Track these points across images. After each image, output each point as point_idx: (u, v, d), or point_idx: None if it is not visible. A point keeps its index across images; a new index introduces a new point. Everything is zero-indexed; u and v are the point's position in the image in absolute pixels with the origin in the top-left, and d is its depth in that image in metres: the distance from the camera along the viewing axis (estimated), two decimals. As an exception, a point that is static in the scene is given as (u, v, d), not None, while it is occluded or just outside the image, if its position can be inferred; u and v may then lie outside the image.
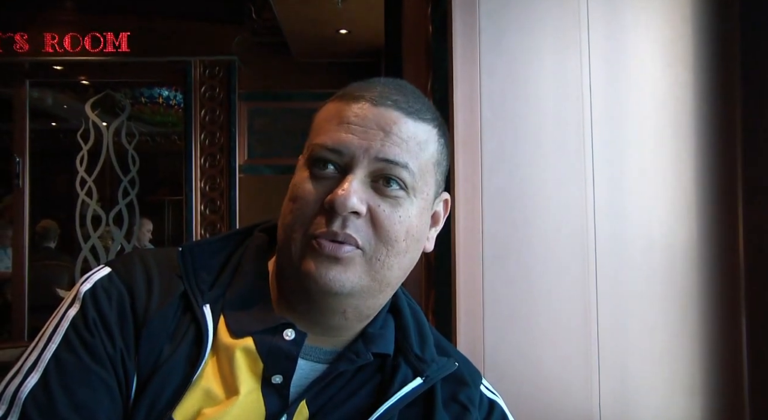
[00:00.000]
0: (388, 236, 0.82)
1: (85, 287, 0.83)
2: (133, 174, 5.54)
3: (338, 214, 0.79)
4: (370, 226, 0.81)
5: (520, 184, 1.60)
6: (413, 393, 0.87)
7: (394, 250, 0.83)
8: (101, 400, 0.77)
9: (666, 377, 1.59)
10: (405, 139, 0.83)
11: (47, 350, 0.79)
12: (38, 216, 5.73)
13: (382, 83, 0.87)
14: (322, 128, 0.85)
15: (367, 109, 0.83)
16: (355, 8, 4.73)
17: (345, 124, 0.83)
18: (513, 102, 1.61)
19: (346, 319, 0.86)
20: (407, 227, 0.83)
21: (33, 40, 5.33)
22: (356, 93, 0.85)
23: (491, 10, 1.62)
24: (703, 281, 1.60)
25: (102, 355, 0.79)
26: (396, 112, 0.83)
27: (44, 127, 7.09)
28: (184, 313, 0.84)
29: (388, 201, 0.82)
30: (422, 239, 0.88)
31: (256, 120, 6.04)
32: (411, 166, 0.82)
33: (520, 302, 1.57)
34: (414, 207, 0.84)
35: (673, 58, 1.63)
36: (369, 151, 0.81)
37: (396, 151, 0.82)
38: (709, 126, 1.62)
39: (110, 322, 0.80)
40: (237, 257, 0.92)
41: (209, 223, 5.35)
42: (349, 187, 0.79)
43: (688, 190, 1.61)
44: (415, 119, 0.84)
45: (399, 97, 0.85)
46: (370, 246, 0.81)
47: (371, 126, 0.82)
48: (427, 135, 0.86)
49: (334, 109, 0.85)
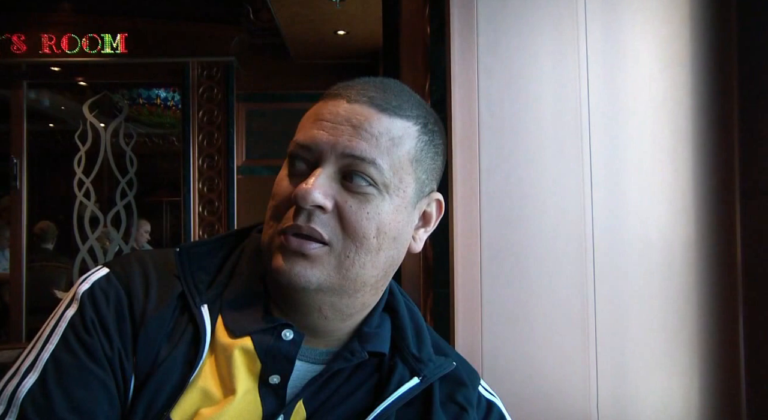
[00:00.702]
0: (355, 233, 0.81)
1: (83, 288, 0.83)
2: (130, 175, 5.53)
3: (302, 209, 0.80)
4: (337, 222, 0.81)
5: (518, 185, 1.60)
6: (410, 392, 0.87)
7: (364, 247, 0.82)
8: (99, 401, 0.77)
9: (664, 378, 1.59)
10: (375, 135, 0.82)
11: (45, 351, 0.79)
12: (36, 217, 5.72)
13: (364, 81, 0.87)
14: (301, 126, 0.86)
15: (340, 106, 0.83)
16: (353, 9, 4.74)
17: (318, 121, 0.83)
18: (511, 103, 1.61)
19: (326, 318, 0.86)
20: (377, 224, 0.82)
21: (30, 41, 5.32)
22: (336, 91, 0.86)
23: (489, 12, 1.62)
24: (701, 282, 1.60)
25: (100, 355, 0.79)
26: (369, 108, 0.83)
27: (42, 128, 7.09)
28: (182, 314, 0.84)
29: (356, 197, 0.81)
30: (401, 238, 0.87)
31: (254, 121, 6.04)
32: (379, 162, 0.81)
33: (518, 303, 1.58)
34: (386, 204, 0.83)
35: (670, 59, 1.63)
36: (335, 146, 0.81)
37: (363, 146, 0.81)
38: (707, 126, 1.62)
39: (108, 323, 0.80)
40: (234, 257, 0.92)
41: (207, 224, 5.35)
42: (314, 181, 0.79)
43: (686, 190, 1.62)
44: (391, 115, 0.83)
45: (376, 94, 0.84)
46: (337, 241, 0.81)
47: (341, 122, 0.82)
48: (404, 131, 0.84)
49: (315, 107, 0.86)
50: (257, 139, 6.02)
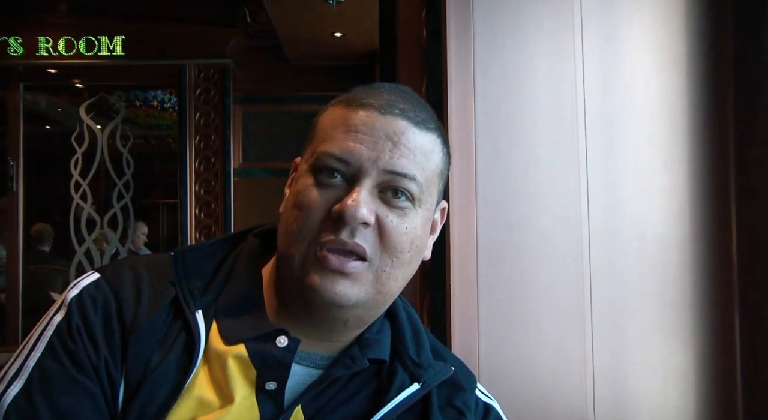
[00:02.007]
0: (394, 247, 0.81)
1: (72, 294, 0.82)
2: (127, 177, 5.52)
3: (347, 224, 0.79)
4: (377, 237, 0.81)
5: (515, 187, 1.60)
6: (411, 399, 0.87)
7: (399, 261, 0.82)
8: (84, 409, 0.76)
9: (660, 379, 1.59)
10: (412, 150, 0.82)
11: (31, 358, 0.78)
12: (32, 219, 5.70)
13: (388, 90, 0.86)
14: (328, 135, 0.83)
15: (375, 118, 0.82)
16: (350, 11, 4.74)
17: (353, 133, 0.81)
18: (507, 105, 1.61)
19: (346, 327, 0.86)
20: (412, 238, 0.83)
21: (27, 43, 5.31)
22: (363, 100, 0.84)
23: (485, 14, 1.62)
24: (698, 283, 1.61)
25: (85, 363, 0.78)
26: (403, 121, 0.82)
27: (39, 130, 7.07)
28: (175, 320, 0.83)
29: (396, 212, 0.82)
30: (424, 249, 0.88)
31: (251, 123, 6.04)
32: (418, 178, 0.82)
33: (514, 305, 1.58)
34: (419, 218, 0.84)
35: (666, 61, 1.64)
36: (378, 162, 0.80)
37: (404, 162, 0.81)
38: (703, 128, 1.63)
39: (95, 329, 0.79)
40: (230, 262, 0.91)
41: (204, 226, 5.34)
42: (359, 198, 0.78)
43: (682, 192, 1.62)
44: (422, 129, 0.84)
45: (406, 106, 0.84)
46: (376, 257, 0.81)
47: (379, 136, 0.81)
48: (433, 145, 0.85)
49: (341, 115, 0.84)
50: (254, 141, 6.01)
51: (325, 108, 0.88)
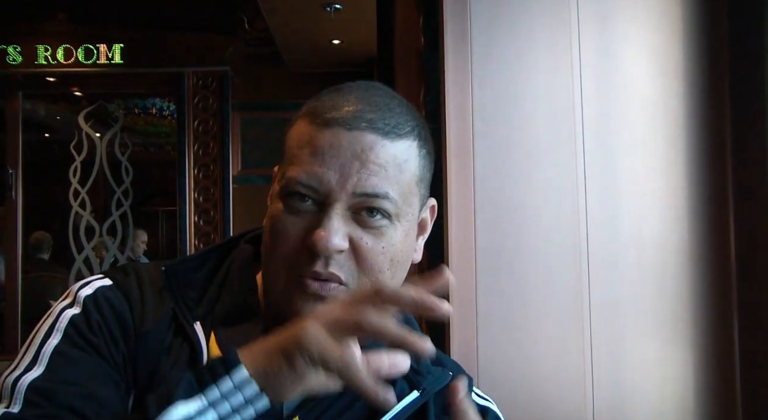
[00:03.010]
0: (371, 268, 0.80)
1: (86, 292, 0.82)
2: (126, 185, 5.52)
3: (320, 255, 0.78)
4: (353, 261, 0.80)
5: (513, 193, 1.61)
6: (411, 407, 0.85)
7: (379, 281, 0.81)
8: (111, 396, 0.75)
9: (659, 383, 1.60)
10: (383, 165, 0.79)
11: (47, 345, 0.77)
12: (31, 227, 5.69)
13: (356, 97, 0.82)
14: (295, 157, 0.81)
15: (340, 136, 0.78)
16: (348, 19, 4.76)
17: (319, 155, 0.78)
18: (505, 112, 1.62)
19: None
20: (391, 256, 0.81)
21: (26, 51, 5.32)
22: (328, 114, 0.80)
23: (483, 22, 1.63)
24: (696, 286, 1.61)
25: (107, 355, 0.77)
26: (371, 135, 0.79)
27: (37, 138, 7.07)
28: (177, 331, 0.83)
29: (371, 232, 0.80)
30: (408, 259, 0.86)
31: (250, 130, 6.05)
32: (392, 195, 0.79)
33: (513, 311, 1.58)
34: (398, 232, 0.82)
35: (663, 67, 1.65)
36: (345, 186, 0.77)
37: (374, 181, 0.78)
38: (700, 133, 1.63)
39: (112, 328, 0.79)
40: (224, 271, 0.90)
41: (203, 233, 5.34)
42: (329, 227, 0.77)
43: (680, 197, 1.63)
44: (393, 139, 0.80)
45: (373, 116, 0.80)
46: (353, 280, 0.80)
47: (346, 155, 0.78)
48: (407, 153, 0.81)
49: (306, 133, 0.81)
50: (252, 149, 6.02)
51: (293, 120, 0.86)
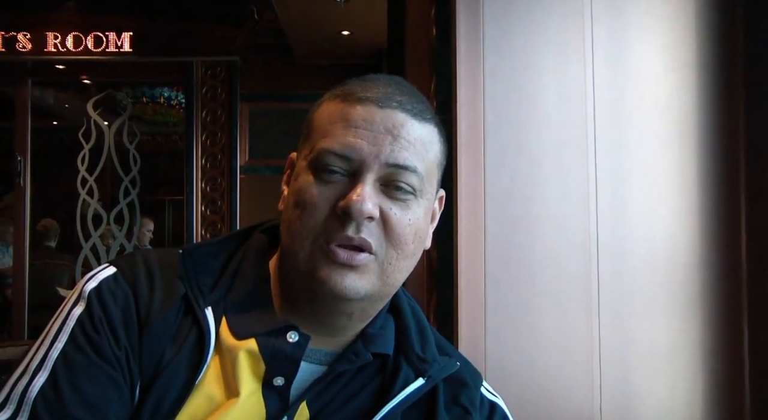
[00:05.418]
0: (398, 239, 0.82)
1: (90, 286, 0.83)
2: (134, 173, 5.52)
3: (353, 220, 0.79)
4: (382, 231, 0.81)
5: (523, 186, 1.60)
6: (416, 393, 0.87)
7: (404, 253, 0.83)
8: (111, 398, 0.77)
9: (667, 382, 1.59)
10: (412, 142, 0.82)
11: (54, 349, 0.79)
12: (39, 215, 5.71)
13: (383, 82, 0.86)
14: (326, 131, 0.83)
15: (373, 112, 0.82)
16: (358, 9, 4.74)
17: (352, 128, 0.81)
18: (516, 104, 1.61)
19: (351, 320, 0.87)
20: (416, 229, 0.84)
21: (35, 39, 5.32)
22: (359, 93, 0.84)
23: (495, 13, 1.62)
24: (706, 285, 1.60)
25: (108, 353, 0.78)
26: (402, 113, 0.82)
27: (46, 126, 7.08)
28: (186, 316, 0.84)
29: (399, 204, 0.82)
30: (426, 239, 0.89)
31: (258, 121, 6.05)
32: (419, 170, 0.82)
33: (522, 304, 1.57)
34: (421, 208, 0.84)
35: (676, 61, 1.63)
36: (379, 156, 0.80)
37: (405, 155, 0.81)
38: (712, 129, 1.62)
39: (115, 322, 0.80)
40: (238, 259, 0.91)
41: (210, 223, 5.34)
42: (363, 192, 0.79)
43: (691, 193, 1.62)
44: (420, 120, 0.84)
45: (403, 98, 0.84)
46: (381, 250, 0.81)
47: (379, 130, 0.81)
48: (431, 136, 0.85)
49: (337, 110, 0.84)
50: (260, 139, 6.03)
51: (319, 103, 0.88)
